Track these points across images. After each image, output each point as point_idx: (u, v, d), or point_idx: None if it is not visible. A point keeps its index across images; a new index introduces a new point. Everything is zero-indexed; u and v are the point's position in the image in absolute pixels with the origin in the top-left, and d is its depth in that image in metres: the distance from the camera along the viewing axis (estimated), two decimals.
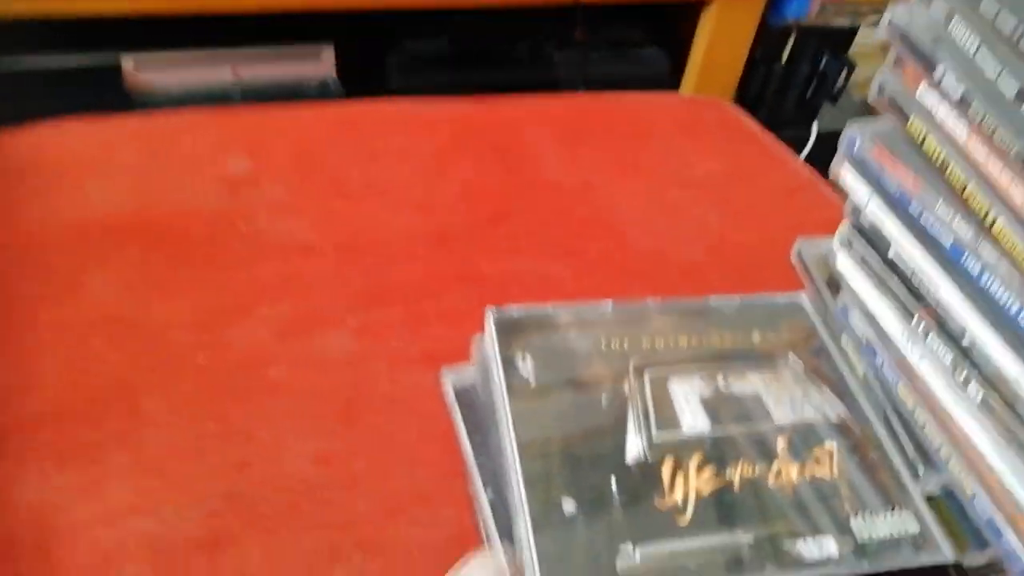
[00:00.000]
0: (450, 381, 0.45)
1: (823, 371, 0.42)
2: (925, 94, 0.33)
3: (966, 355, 0.34)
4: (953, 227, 0.33)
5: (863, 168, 0.39)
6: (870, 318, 0.41)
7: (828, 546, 0.34)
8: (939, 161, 0.32)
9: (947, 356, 0.35)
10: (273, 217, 0.64)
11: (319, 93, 0.92)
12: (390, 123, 0.78)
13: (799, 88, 1.16)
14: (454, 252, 0.66)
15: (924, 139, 0.34)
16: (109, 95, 0.84)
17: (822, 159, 0.87)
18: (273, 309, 0.58)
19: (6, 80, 0.85)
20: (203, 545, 0.44)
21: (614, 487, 0.36)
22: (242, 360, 0.54)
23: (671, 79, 1.09)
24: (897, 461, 0.38)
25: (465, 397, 0.44)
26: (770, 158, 0.86)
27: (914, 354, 0.38)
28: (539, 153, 0.78)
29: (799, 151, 0.92)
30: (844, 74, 1.17)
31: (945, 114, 0.32)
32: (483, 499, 0.39)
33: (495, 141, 0.79)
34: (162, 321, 0.55)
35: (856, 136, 0.38)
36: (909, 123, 0.35)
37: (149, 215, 0.62)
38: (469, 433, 0.42)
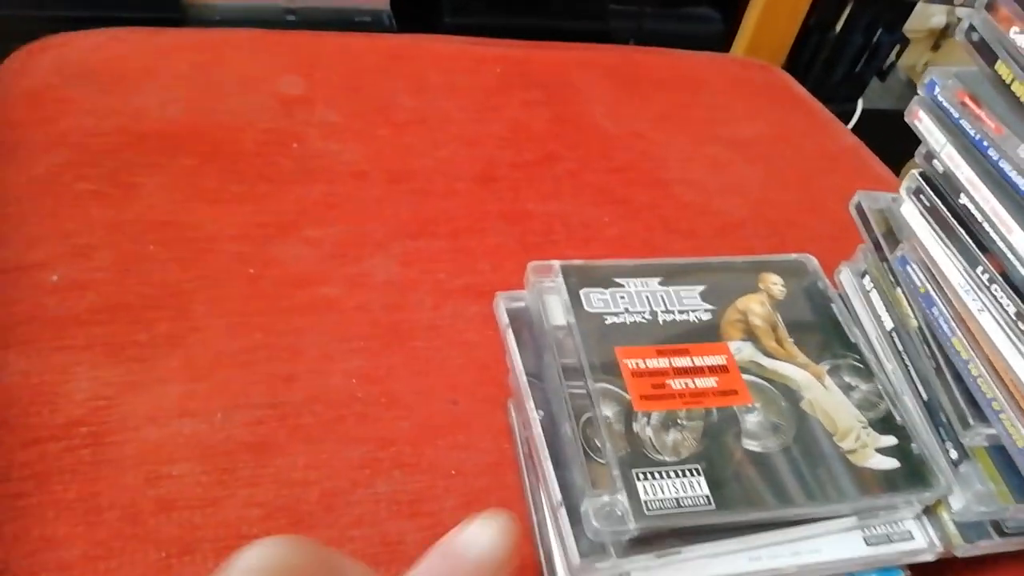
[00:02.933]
0: (503, 304, 0.45)
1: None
2: (1018, 36, 0.33)
3: None
4: None
5: (941, 113, 0.38)
6: (929, 269, 0.41)
7: None
8: None
9: (1010, 307, 0.35)
10: (324, 140, 0.64)
11: (372, 26, 0.91)
12: (440, 59, 0.78)
13: (849, 60, 1.15)
14: (499, 190, 0.66)
15: (1012, 81, 0.33)
16: (165, 9, 0.84)
17: (865, 136, 0.87)
18: (321, 230, 0.58)
19: None
20: (250, 449, 0.45)
21: None
22: (289, 276, 0.54)
23: (723, 40, 1.08)
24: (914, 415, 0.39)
25: (517, 321, 0.44)
26: (817, 124, 0.86)
27: (975, 305, 0.38)
28: (588, 100, 0.78)
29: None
30: (896, 50, 1.15)
31: None
32: (533, 417, 0.40)
33: (545, 85, 0.78)
34: (213, 231, 0.55)
35: (936, 80, 0.38)
36: (997, 65, 0.34)
37: (202, 126, 0.62)
38: (522, 354, 0.42)
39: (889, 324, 0.44)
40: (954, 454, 0.40)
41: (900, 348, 0.43)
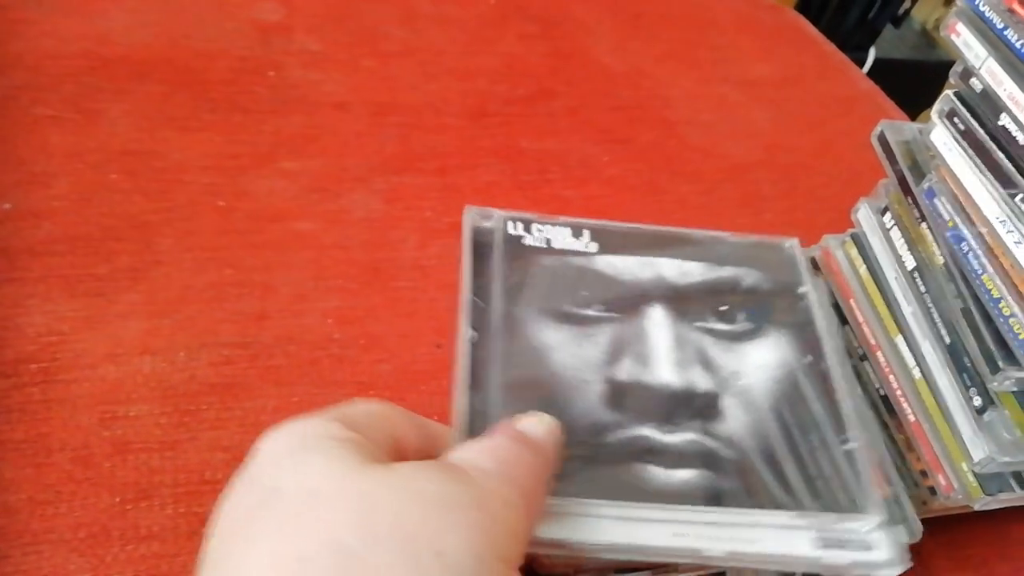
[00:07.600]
0: (471, 219, 0.39)
1: None
2: None
3: None
4: None
5: (983, 23, 0.34)
6: (959, 201, 0.37)
7: None
8: None
9: None
10: (303, 69, 0.60)
11: None
12: None
13: (863, 6, 1.10)
14: (491, 126, 0.62)
15: None
16: None
17: (878, 85, 0.82)
18: (298, 163, 0.54)
19: None
20: (215, 390, 0.42)
21: None
22: (262, 210, 0.51)
23: None
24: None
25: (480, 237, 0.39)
26: (831, 68, 0.82)
27: (1010, 237, 0.34)
28: (589, 34, 0.74)
29: None
30: None
31: None
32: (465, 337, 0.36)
33: (543, 18, 0.74)
34: (180, 161, 0.52)
35: None
36: None
37: (173, 52, 0.58)
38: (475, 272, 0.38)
39: (911, 263, 0.41)
40: (978, 401, 0.36)
41: (922, 289, 0.40)
